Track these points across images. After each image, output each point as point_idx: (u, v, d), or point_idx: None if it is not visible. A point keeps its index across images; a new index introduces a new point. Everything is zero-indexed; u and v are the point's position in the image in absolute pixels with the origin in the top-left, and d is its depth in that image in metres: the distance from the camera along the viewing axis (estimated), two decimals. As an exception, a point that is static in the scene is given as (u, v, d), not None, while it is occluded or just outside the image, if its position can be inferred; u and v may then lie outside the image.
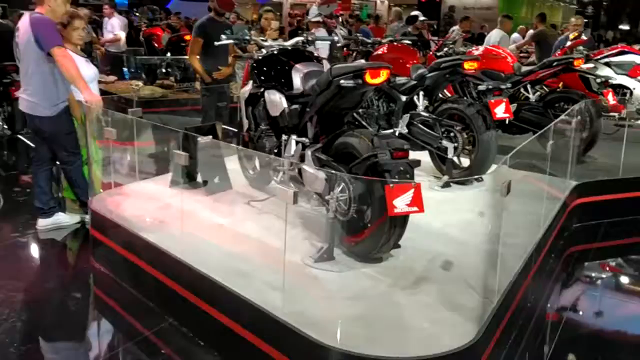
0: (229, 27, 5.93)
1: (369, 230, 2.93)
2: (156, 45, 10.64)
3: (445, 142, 4.47)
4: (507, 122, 5.86)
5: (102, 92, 9.91)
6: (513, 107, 5.86)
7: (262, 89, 3.73)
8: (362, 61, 5.35)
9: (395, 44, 5.40)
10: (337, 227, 3.06)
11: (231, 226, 3.61)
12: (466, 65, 4.42)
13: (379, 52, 5.19)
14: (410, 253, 3.19)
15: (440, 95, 5.13)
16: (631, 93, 6.84)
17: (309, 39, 3.87)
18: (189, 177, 4.32)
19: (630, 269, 4.71)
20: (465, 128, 4.53)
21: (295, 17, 20.54)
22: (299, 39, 3.88)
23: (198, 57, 5.73)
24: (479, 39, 7.12)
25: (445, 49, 6.34)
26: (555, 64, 5.58)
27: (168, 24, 10.99)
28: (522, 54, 12.01)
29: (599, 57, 7.03)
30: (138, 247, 3.39)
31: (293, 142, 3.40)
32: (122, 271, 3.62)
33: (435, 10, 24.05)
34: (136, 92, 9.58)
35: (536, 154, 4.13)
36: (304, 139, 3.32)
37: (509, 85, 4.63)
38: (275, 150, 3.63)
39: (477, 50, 6.15)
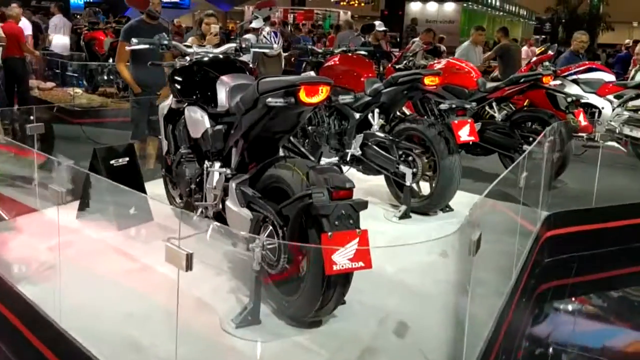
0: (164, 30, 5.26)
1: (303, 288, 2.30)
2: (98, 50, 9.84)
3: (402, 167, 3.92)
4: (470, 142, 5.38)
5: (38, 100, 9.16)
6: (477, 125, 5.36)
7: (183, 105, 3.09)
8: (311, 73, 4.76)
9: (349, 54, 4.84)
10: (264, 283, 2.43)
11: (139, 275, 2.93)
12: (426, 81, 3.88)
13: (331, 63, 4.62)
14: (356, 312, 2.58)
15: (398, 113, 4.58)
16: (600, 113, 6.45)
17: (244, 45, 3.25)
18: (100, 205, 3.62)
19: (605, 305, 4.23)
20: (426, 151, 3.98)
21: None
22: (232, 45, 3.25)
23: (128, 63, 5.04)
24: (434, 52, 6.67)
25: (405, 61, 5.81)
26: (522, 80, 5.11)
27: (113, 27, 10.20)
28: (488, 68, 11.71)
29: (566, 73, 6.63)
30: (16, 306, 2.67)
31: (216, 171, 2.76)
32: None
33: (397, 23, 23.87)
34: (71, 101, 8.80)
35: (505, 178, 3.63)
36: (226, 169, 2.69)
37: (473, 104, 4.10)
38: (198, 179, 2.98)
39: (439, 64, 5.64)
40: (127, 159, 3.60)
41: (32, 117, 4.40)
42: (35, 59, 10.25)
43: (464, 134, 3.73)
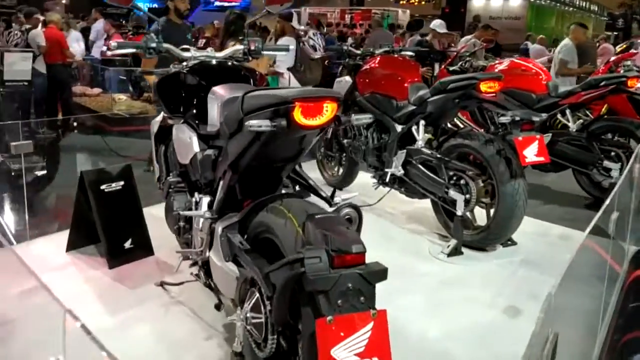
0: (187, 30, 4.78)
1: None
2: (140, 54, 9.53)
3: (453, 193, 3.21)
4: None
5: (80, 107, 8.96)
6: (547, 137, 4.54)
7: (172, 122, 2.52)
8: (346, 78, 4.10)
9: (392, 55, 4.15)
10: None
11: (120, 338, 2.37)
12: (483, 87, 3.15)
13: (369, 66, 3.94)
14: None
15: (449, 126, 3.85)
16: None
17: (252, 47, 2.64)
18: (91, 238, 3.12)
19: None
20: (482, 173, 3.25)
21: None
22: (239, 47, 2.64)
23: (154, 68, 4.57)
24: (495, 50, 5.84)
25: (461, 62, 5.05)
26: (603, 83, 4.26)
27: (155, 31, 9.88)
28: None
29: (654, 73, 5.65)
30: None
31: (205, 206, 2.16)
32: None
33: (459, 21, 22.76)
34: (112, 108, 8.53)
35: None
36: (208, 211, 2.07)
37: (543, 115, 3.29)
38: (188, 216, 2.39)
39: (501, 65, 4.85)
40: (122, 182, 3.07)
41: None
42: (80, 65, 10.15)
43: (531, 154, 2.97)
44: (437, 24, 7.35)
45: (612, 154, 4.29)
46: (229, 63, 2.51)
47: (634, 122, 4.30)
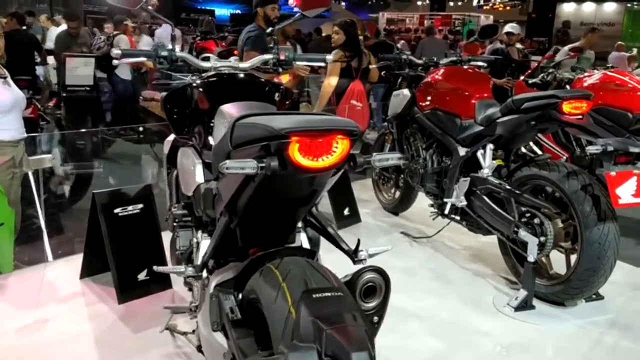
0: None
1: None
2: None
3: (523, 233, 2.65)
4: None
5: (147, 112, 8.96)
6: None
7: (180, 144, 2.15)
8: (405, 91, 3.59)
9: (459, 66, 3.62)
10: None
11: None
12: (566, 107, 2.57)
13: (431, 78, 3.43)
14: None
15: (524, 150, 3.27)
16: None
17: (282, 57, 2.22)
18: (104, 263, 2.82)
19: None
20: (562, 212, 2.67)
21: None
22: (266, 57, 2.24)
23: None
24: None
25: (543, 74, 4.40)
26: None
27: (223, 36, 9.76)
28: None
29: None
30: None
31: (202, 252, 1.76)
32: None
33: (546, 26, 21.46)
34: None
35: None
36: (192, 267, 1.65)
37: None
38: (190, 255, 2.00)
39: (592, 78, 4.17)
40: (141, 205, 2.77)
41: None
42: (150, 69, 10.21)
43: (627, 194, 2.36)
44: (516, 27, 6.66)
45: None
46: (246, 75, 2.11)
47: None
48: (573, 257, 2.67)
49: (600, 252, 2.48)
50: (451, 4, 33.70)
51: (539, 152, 3.73)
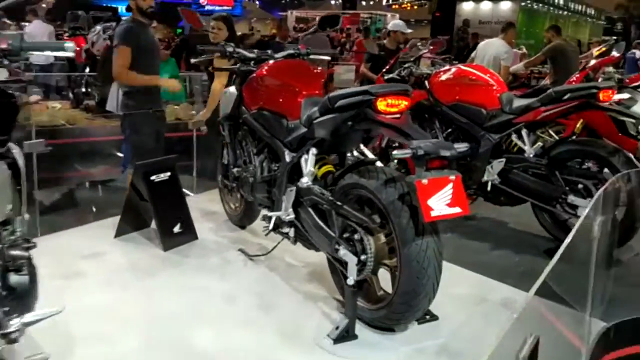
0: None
1: None
2: (76, 58, 8.63)
3: (343, 251, 2.32)
4: (489, 186, 3.66)
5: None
6: (499, 164, 3.64)
7: None
8: (231, 89, 3.15)
9: (300, 59, 3.22)
10: None
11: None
12: (380, 105, 2.22)
13: (258, 73, 2.99)
14: None
15: (355, 153, 2.92)
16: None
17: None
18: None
19: None
20: (385, 224, 2.33)
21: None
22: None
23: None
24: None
25: (399, 69, 4.13)
26: (568, 96, 3.35)
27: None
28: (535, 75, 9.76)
29: (638, 83, 4.74)
30: None
31: None
32: None
33: (448, 25, 21.91)
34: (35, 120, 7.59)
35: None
36: None
37: (458, 150, 2.13)
38: None
39: (447, 73, 3.93)
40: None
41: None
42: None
43: (440, 204, 2.00)
44: (400, 25, 6.43)
45: (580, 186, 3.37)
46: None
47: (607, 146, 3.38)
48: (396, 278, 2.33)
49: (420, 270, 2.15)
50: (363, 3, 34.06)
51: (369, 154, 3.41)
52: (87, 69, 8.20)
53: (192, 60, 3.49)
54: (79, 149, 6.43)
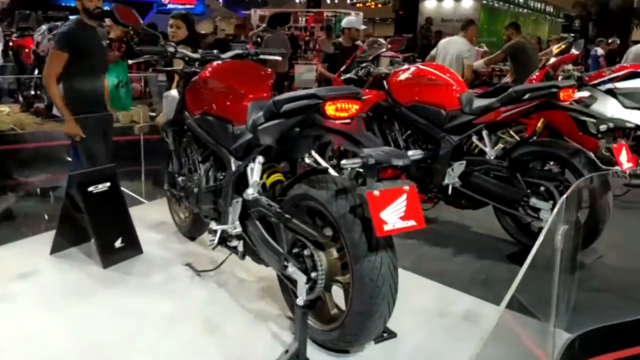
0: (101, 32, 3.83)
1: None
2: (24, 59, 8.22)
3: (292, 269, 2.13)
4: (450, 189, 3.53)
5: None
6: (459, 166, 3.51)
7: None
8: (173, 92, 2.94)
9: (249, 59, 3.02)
10: None
11: None
12: (329, 110, 2.04)
13: (202, 75, 2.78)
14: None
15: (307, 161, 2.73)
16: (649, 137, 4.52)
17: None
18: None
19: None
20: (337, 238, 2.15)
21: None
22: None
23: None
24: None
25: (356, 69, 3.96)
26: (527, 96, 3.23)
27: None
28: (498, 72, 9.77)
29: (597, 81, 4.69)
30: None
31: None
32: None
33: (412, 23, 21.92)
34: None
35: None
36: None
37: (411, 157, 2.02)
38: None
39: (405, 73, 3.79)
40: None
41: None
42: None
43: (394, 217, 1.82)
44: (354, 21, 6.27)
45: (542, 188, 3.27)
46: None
47: (568, 147, 3.28)
48: (349, 299, 2.15)
49: (374, 289, 1.98)
50: (328, 1, 33.91)
51: (322, 161, 3.24)
52: (36, 71, 7.82)
53: (130, 62, 3.26)
54: (26, 155, 6.09)
